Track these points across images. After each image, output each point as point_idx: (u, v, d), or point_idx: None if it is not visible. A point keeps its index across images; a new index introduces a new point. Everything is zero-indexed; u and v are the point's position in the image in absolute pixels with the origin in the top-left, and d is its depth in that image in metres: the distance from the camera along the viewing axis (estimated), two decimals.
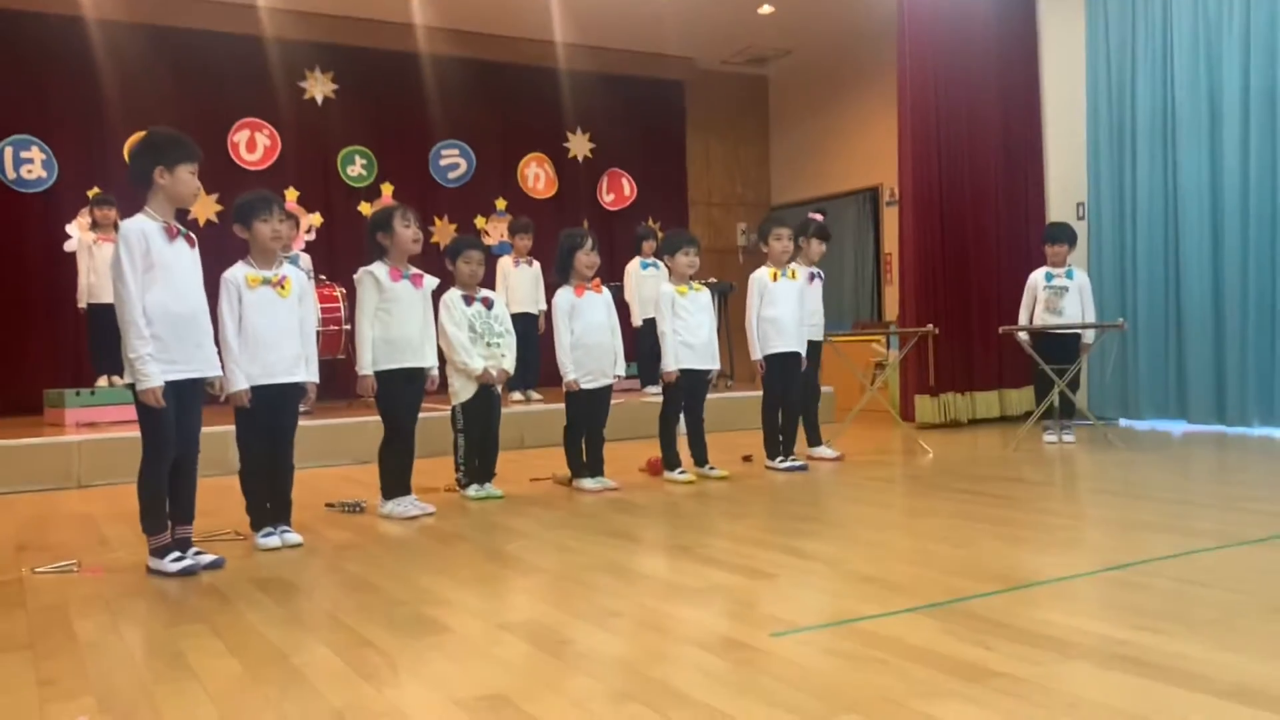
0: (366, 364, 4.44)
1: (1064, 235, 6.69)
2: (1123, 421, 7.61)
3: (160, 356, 3.44)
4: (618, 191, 10.85)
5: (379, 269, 4.49)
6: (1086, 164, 7.96)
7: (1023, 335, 6.62)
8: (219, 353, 3.74)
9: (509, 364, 5.01)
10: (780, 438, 5.70)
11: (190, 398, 3.59)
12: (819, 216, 6.24)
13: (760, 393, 5.78)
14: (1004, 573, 3.16)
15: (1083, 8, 8.00)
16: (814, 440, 6.15)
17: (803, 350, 5.70)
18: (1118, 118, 7.74)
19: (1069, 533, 3.82)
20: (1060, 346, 6.53)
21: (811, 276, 5.98)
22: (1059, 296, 6.57)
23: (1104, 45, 7.83)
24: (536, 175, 10.44)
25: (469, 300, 4.97)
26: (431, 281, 4.63)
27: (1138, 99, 7.58)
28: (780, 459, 5.68)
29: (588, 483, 5.18)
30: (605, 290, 5.32)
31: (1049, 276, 6.64)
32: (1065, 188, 8.18)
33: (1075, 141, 8.07)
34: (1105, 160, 7.83)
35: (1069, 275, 6.62)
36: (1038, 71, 8.30)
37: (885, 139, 9.27)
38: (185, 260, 3.57)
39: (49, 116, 8.37)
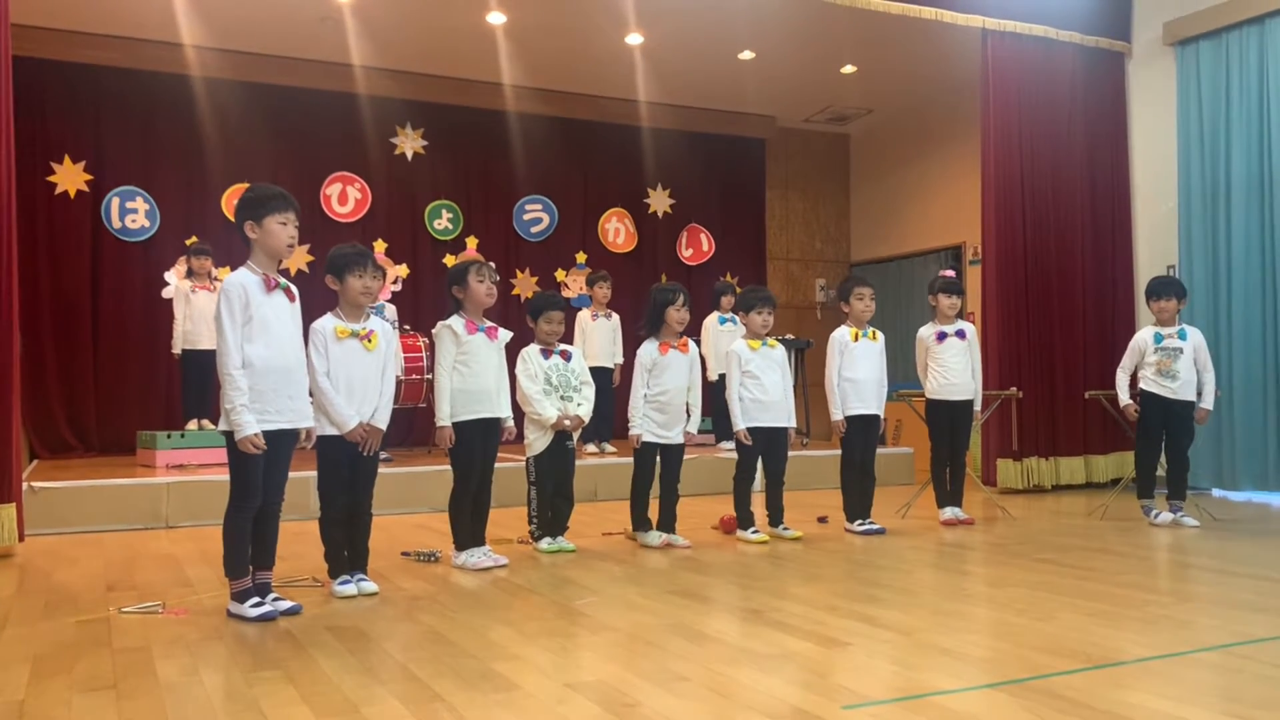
0: (445, 415, 4.51)
1: (1171, 289, 5.96)
2: (1216, 492, 7.32)
3: (254, 407, 3.54)
4: (696, 247, 10.92)
5: (455, 322, 4.58)
6: (1178, 223, 7.71)
7: (1124, 399, 5.99)
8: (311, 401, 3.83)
9: (584, 411, 5.04)
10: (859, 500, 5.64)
11: (281, 448, 3.67)
12: (950, 273, 6.14)
13: (838, 452, 5.72)
14: (1088, 650, 3.05)
15: (1173, 62, 7.82)
16: (947, 501, 5.94)
17: (881, 413, 5.64)
18: (1211, 175, 7.49)
19: (1158, 609, 3.67)
20: (1169, 414, 5.86)
21: (960, 333, 5.86)
22: (1172, 359, 5.84)
23: (1196, 100, 7.62)
24: (617, 230, 10.56)
25: (547, 353, 5.03)
26: (505, 334, 4.70)
27: (1232, 156, 7.34)
28: (859, 522, 5.60)
29: (651, 537, 5.16)
30: (692, 348, 5.32)
31: (1158, 337, 5.91)
32: (1155, 248, 7.98)
33: (1166, 200, 7.87)
34: (1198, 220, 7.57)
35: (1181, 336, 5.88)
36: (1126, 128, 8.16)
37: (968, 197, 9.18)
38: (284, 314, 3.67)
39: (153, 168, 8.74)
